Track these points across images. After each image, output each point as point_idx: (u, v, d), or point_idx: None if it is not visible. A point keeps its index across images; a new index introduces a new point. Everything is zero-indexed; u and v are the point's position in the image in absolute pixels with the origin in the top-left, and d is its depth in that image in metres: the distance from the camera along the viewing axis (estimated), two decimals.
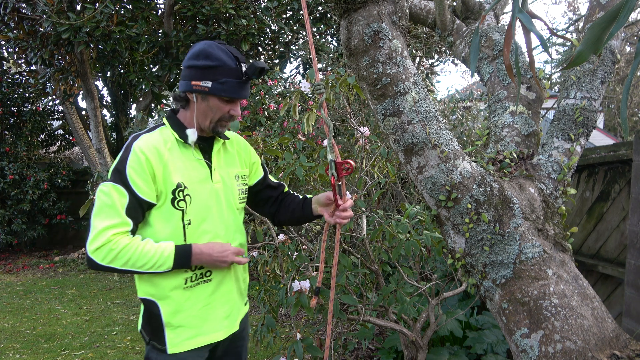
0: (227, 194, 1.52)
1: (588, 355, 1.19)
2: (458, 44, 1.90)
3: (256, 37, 6.57)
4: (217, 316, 1.49)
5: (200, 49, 1.41)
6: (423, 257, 2.57)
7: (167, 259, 1.35)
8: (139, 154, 1.34)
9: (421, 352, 2.41)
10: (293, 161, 2.45)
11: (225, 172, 1.53)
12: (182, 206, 1.40)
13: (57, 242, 9.23)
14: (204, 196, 1.44)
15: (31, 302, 5.30)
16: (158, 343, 1.44)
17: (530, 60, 0.96)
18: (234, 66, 1.39)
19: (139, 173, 1.33)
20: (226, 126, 1.49)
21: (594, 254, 3.12)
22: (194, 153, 1.46)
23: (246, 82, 1.42)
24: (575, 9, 12.83)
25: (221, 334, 1.51)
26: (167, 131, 1.45)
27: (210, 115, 1.43)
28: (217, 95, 1.39)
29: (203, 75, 1.38)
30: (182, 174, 1.41)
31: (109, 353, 3.69)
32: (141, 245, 1.34)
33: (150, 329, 1.46)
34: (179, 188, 1.39)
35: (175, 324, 1.43)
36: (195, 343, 1.45)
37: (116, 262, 1.31)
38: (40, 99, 8.86)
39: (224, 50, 1.40)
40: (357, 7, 1.34)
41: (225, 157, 1.56)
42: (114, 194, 1.32)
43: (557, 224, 1.39)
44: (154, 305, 1.43)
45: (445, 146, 1.35)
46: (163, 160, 1.38)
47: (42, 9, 5.87)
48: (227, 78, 1.38)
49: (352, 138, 4.04)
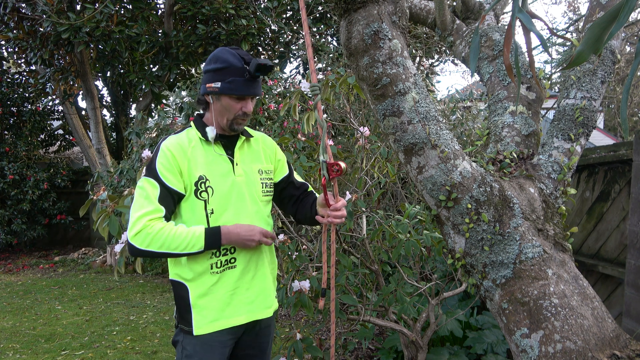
0: (250, 186, 1.62)
1: (588, 355, 1.19)
2: (458, 44, 1.90)
3: (256, 37, 6.57)
4: (240, 301, 1.58)
5: (212, 55, 1.57)
6: (423, 257, 2.57)
7: (199, 240, 1.47)
8: (165, 151, 1.51)
9: (421, 352, 2.41)
10: (293, 161, 2.45)
11: (248, 167, 1.64)
12: (204, 197, 1.53)
13: (57, 242, 9.24)
14: (226, 188, 1.56)
15: (31, 302, 5.30)
16: (185, 325, 1.55)
17: (530, 60, 0.96)
18: (240, 66, 1.51)
19: (166, 167, 1.49)
20: (242, 123, 1.60)
21: (594, 254, 3.12)
22: (215, 149, 1.59)
23: (253, 80, 1.53)
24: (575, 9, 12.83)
25: (243, 317, 1.59)
26: (193, 132, 1.61)
27: (225, 114, 1.56)
28: (226, 94, 1.52)
29: (214, 78, 1.53)
30: (204, 168, 1.55)
31: (109, 353, 3.69)
32: (174, 229, 1.46)
33: (178, 312, 1.58)
34: (201, 180, 1.53)
35: (201, 305, 1.53)
36: (218, 325, 1.54)
37: (153, 245, 1.44)
38: (40, 99, 8.86)
39: (232, 53, 1.53)
40: (357, 7, 1.34)
41: (248, 153, 1.68)
42: (147, 186, 1.49)
43: (557, 224, 1.39)
44: (183, 288, 1.55)
45: (445, 146, 1.35)
46: (187, 156, 1.53)
47: (42, 8, 5.87)
48: (234, 77, 1.50)
49: (352, 138, 4.04)
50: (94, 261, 7.36)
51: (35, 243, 8.96)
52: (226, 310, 1.55)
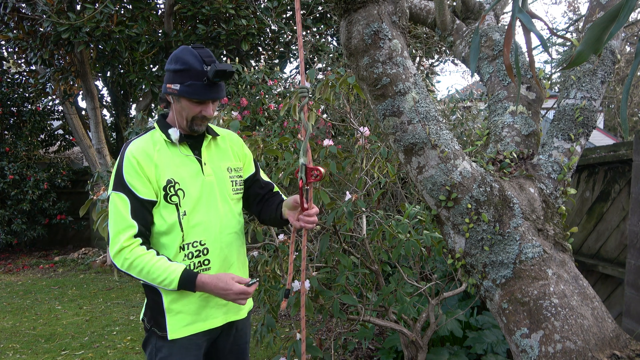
0: (220, 185, 1.60)
1: (588, 355, 1.19)
2: (458, 44, 1.90)
3: (256, 37, 6.57)
4: (216, 303, 1.55)
5: (173, 54, 1.51)
6: (423, 257, 2.57)
7: (174, 280, 1.42)
8: (131, 159, 1.46)
9: (421, 352, 2.41)
10: (293, 161, 2.45)
11: (217, 166, 1.61)
12: (175, 200, 1.50)
13: (57, 242, 9.23)
14: (196, 189, 1.53)
15: (31, 302, 5.30)
16: (159, 329, 1.51)
17: (530, 60, 0.96)
18: (199, 69, 1.45)
19: (133, 176, 1.45)
20: (202, 125, 1.55)
21: (594, 254, 3.12)
22: (181, 150, 1.55)
23: (213, 85, 1.48)
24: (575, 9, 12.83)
25: (219, 320, 1.57)
26: (157, 133, 1.56)
27: (184, 115, 1.52)
28: (185, 97, 1.48)
29: (174, 79, 1.48)
30: (172, 171, 1.51)
31: (109, 353, 3.69)
32: (154, 260, 1.42)
33: (151, 315, 1.54)
34: (170, 184, 1.49)
35: (176, 309, 1.50)
36: (194, 329, 1.52)
37: (132, 270, 1.42)
38: (40, 99, 8.86)
39: (194, 54, 1.47)
40: (357, 7, 1.34)
41: (216, 151, 1.64)
42: (117, 201, 1.45)
43: (557, 224, 1.39)
44: (155, 292, 1.50)
45: (445, 146, 1.35)
46: (153, 161, 1.48)
47: (42, 9, 5.87)
48: (193, 81, 1.45)
49: (352, 138, 4.04)
50: (94, 261, 7.36)
51: (35, 243, 8.95)
52: (202, 313, 1.53)
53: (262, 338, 2.38)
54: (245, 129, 4.44)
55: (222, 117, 2.57)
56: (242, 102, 4.91)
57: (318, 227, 2.68)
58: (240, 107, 4.90)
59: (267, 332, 2.35)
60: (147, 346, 1.56)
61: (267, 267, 2.63)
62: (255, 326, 2.44)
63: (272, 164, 2.77)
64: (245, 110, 4.91)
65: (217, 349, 1.64)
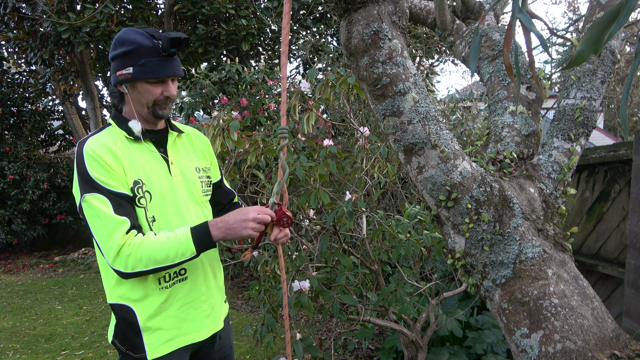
0: (189, 187, 1.46)
1: (588, 355, 1.19)
2: (458, 44, 1.90)
3: (256, 37, 6.57)
4: (198, 315, 1.44)
5: (116, 38, 1.35)
6: (423, 257, 2.57)
7: (188, 245, 1.28)
8: (92, 155, 1.28)
9: (421, 352, 2.41)
10: (293, 161, 2.45)
11: (185, 165, 1.47)
12: (142, 203, 1.34)
13: (57, 242, 9.23)
14: (164, 191, 1.38)
15: (31, 302, 5.30)
16: (135, 352, 1.36)
17: (530, 60, 0.96)
18: (150, 45, 1.31)
19: (101, 172, 1.28)
20: (166, 107, 1.40)
21: (594, 254, 3.12)
22: (146, 145, 1.40)
23: (169, 58, 1.34)
24: (575, 9, 12.83)
25: (204, 332, 1.46)
26: (115, 130, 1.39)
27: (144, 101, 1.36)
28: (141, 78, 1.32)
29: (124, 63, 1.32)
30: (138, 170, 1.35)
31: (109, 353, 3.69)
32: (153, 239, 1.27)
33: (124, 338, 1.38)
34: (137, 185, 1.33)
35: (154, 327, 1.36)
36: (175, 344, 1.39)
37: (139, 265, 1.25)
38: (40, 99, 8.86)
39: (138, 32, 1.33)
40: (357, 7, 1.34)
41: (182, 150, 1.50)
42: (95, 203, 1.26)
43: (557, 224, 1.39)
44: (128, 311, 1.35)
45: (445, 146, 1.35)
46: (118, 158, 1.31)
47: (42, 9, 5.87)
48: (146, 58, 1.31)
49: (352, 138, 4.04)
50: (94, 261, 7.36)
51: (35, 243, 8.96)
52: (182, 327, 1.40)
53: (262, 338, 2.38)
54: (245, 129, 4.44)
55: (222, 117, 2.57)
56: (242, 102, 4.91)
57: (318, 227, 2.68)
58: (240, 107, 4.90)
59: (267, 332, 2.35)
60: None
61: (267, 267, 2.64)
62: (255, 326, 2.44)
63: (272, 164, 2.77)
64: (245, 110, 4.92)
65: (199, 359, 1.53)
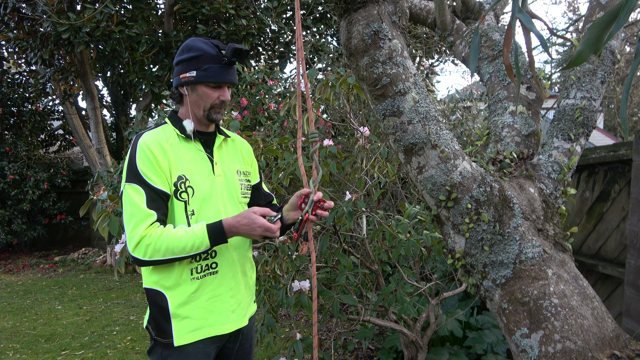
0: (229, 187, 1.56)
1: (588, 355, 1.19)
2: (458, 44, 1.90)
3: (256, 37, 6.57)
4: (224, 309, 1.50)
5: (183, 45, 1.51)
6: (423, 257, 2.56)
7: (203, 239, 1.39)
8: (145, 149, 1.42)
9: (421, 352, 2.41)
10: (293, 161, 2.45)
11: (227, 167, 1.58)
12: (184, 197, 1.45)
13: (57, 242, 9.24)
14: (205, 188, 1.49)
15: (31, 302, 5.30)
16: (163, 337, 1.45)
17: (530, 60, 0.96)
18: (214, 53, 1.46)
19: (148, 167, 1.41)
20: (220, 112, 1.54)
21: (594, 254, 3.12)
22: (195, 144, 1.52)
23: (229, 66, 1.49)
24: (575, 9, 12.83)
25: (228, 327, 1.52)
26: (169, 128, 1.53)
27: (202, 104, 1.50)
28: (203, 82, 1.47)
29: (188, 67, 1.47)
30: (184, 167, 1.47)
31: (109, 353, 3.69)
32: (173, 232, 1.38)
33: (156, 324, 1.47)
34: (181, 180, 1.45)
35: (182, 314, 1.45)
36: (201, 334, 1.46)
37: (156, 254, 1.37)
38: (40, 99, 8.86)
39: (204, 41, 1.49)
40: (357, 7, 1.34)
41: (227, 153, 1.62)
42: (132, 193, 1.39)
43: (557, 224, 1.39)
44: (160, 297, 1.45)
45: (445, 146, 1.34)
46: (167, 154, 1.44)
47: (42, 9, 5.87)
48: (209, 64, 1.46)
49: (352, 138, 4.04)
50: (94, 261, 7.36)
51: (36, 243, 8.96)
52: (209, 319, 1.48)
53: (262, 338, 2.38)
54: (245, 129, 4.44)
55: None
56: (242, 102, 4.91)
57: (318, 227, 2.68)
58: (240, 107, 4.90)
59: (267, 332, 2.35)
60: (152, 355, 1.50)
61: (267, 267, 2.63)
62: (255, 326, 2.44)
63: (272, 164, 2.77)
64: (245, 110, 4.92)
65: (224, 354, 1.59)
